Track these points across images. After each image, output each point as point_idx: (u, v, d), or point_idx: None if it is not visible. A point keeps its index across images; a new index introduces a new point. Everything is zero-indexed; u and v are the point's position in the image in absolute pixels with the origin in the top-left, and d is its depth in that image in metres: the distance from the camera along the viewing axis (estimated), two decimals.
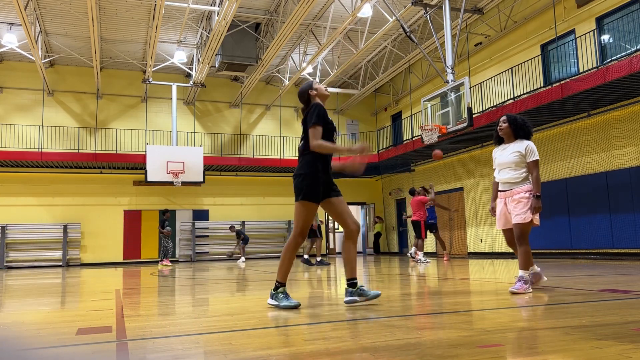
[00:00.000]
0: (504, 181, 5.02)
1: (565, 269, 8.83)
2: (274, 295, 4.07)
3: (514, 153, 4.93)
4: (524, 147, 4.90)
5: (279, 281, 4.10)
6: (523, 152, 4.89)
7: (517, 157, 4.90)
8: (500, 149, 5.13)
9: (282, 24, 15.77)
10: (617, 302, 4.06)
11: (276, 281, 4.12)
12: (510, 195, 4.95)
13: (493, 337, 2.68)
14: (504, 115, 5.14)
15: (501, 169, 5.03)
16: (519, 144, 4.96)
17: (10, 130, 18.78)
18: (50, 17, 16.36)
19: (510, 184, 4.96)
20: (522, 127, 4.98)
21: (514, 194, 4.92)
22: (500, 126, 5.07)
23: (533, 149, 4.90)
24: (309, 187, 4.04)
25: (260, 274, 9.44)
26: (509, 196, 4.97)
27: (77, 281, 9.19)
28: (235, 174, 21.51)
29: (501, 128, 5.05)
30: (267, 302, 4.15)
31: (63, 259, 18.66)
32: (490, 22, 16.18)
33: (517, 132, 5.00)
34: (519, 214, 4.82)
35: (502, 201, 5.06)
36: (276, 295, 4.06)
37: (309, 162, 4.07)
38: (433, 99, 15.00)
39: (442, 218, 19.01)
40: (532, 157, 4.87)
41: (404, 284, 6.31)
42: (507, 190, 5.00)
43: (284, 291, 4.07)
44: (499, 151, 5.12)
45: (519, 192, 4.89)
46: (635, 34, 11.92)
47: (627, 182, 11.98)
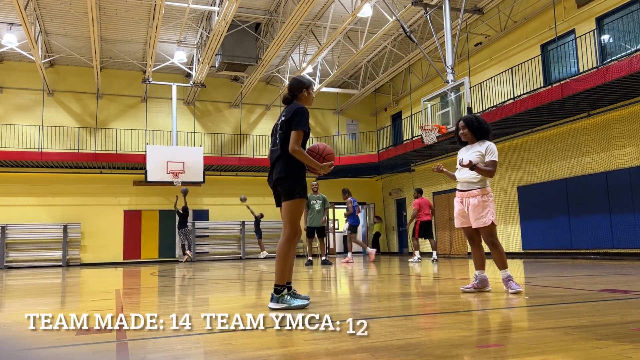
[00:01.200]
0: (462, 180, 5.08)
1: (565, 269, 8.83)
2: (279, 299, 3.88)
3: (475, 153, 5.00)
4: (485, 148, 4.98)
5: (279, 284, 3.92)
6: (483, 152, 4.96)
7: (477, 156, 4.96)
8: (464, 149, 5.22)
9: (282, 24, 15.77)
10: (617, 302, 4.06)
11: (276, 285, 3.93)
12: (467, 196, 5.00)
13: (493, 337, 2.68)
14: (461, 119, 5.18)
15: (461, 168, 5.08)
16: (481, 144, 5.03)
17: (10, 130, 18.77)
18: (50, 17, 16.36)
19: (468, 183, 5.01)
20: (480, 128, 5.04)
21: (471, 196, 4.97)
22: (461, 132, 5.13)
23: (493, 149, 4.97)
24: (301, 185, 4.03)
25: (260, 273, 9.44)
26: (465, 197, 5.03)
27: (77, 281, 9.20)
28: (235, 174, 21.50)
29: (463, 134, 5.12)
30: (269, 306, 3.93)
31: (63, 259, 18.65)
32: (490, 22, 16.18)
33: (477, 134, 5.06)
34: (478, 218, 4.88)
35: (458, 201, 5.12)
36: (282, 298, 3.87)
37: (293, 162, 4.02)
38: (433, 99, 15.00)
39: (443, 218, 19.03)
40: (491, 157, 4.92)
41: (403, 284, 6.31)
42: (464, 191, 5.06)
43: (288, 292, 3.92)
44: (463, 151, 5.21)
45: (475, 196, 4.93)
46: (635, 34, 11.92)
47: (627, 182, 11.98)
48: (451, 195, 18.37)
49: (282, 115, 4.17)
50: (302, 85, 4.22)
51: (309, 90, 4.24)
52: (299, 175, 4.04)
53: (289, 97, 4.24)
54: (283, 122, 4.09)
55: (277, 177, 4.06)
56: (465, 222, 5.06)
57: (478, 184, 4.93)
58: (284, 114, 4.13)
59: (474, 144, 5.09)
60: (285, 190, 4.03)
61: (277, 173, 4.07)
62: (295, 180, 4.01)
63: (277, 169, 4.08)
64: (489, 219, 4.83)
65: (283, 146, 4.05)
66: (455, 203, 5.17)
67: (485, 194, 4.90)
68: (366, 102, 23.56)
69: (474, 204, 4.91)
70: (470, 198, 4.95)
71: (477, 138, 5.06)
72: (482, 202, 4.87)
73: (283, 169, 4.03)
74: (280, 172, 4.04)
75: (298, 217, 4.02)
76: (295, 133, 3.96)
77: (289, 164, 4.02)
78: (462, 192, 5.08)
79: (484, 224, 4.85)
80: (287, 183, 4.02)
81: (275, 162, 4.11)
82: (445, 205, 18.87)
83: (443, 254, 18.41)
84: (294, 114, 4.04)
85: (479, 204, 4.88)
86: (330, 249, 22.30)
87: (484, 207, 4.85)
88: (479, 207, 4.87)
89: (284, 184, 4.03)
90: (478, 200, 4.89)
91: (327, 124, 23.41)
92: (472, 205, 4.92)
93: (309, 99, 4.24)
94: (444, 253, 18.50)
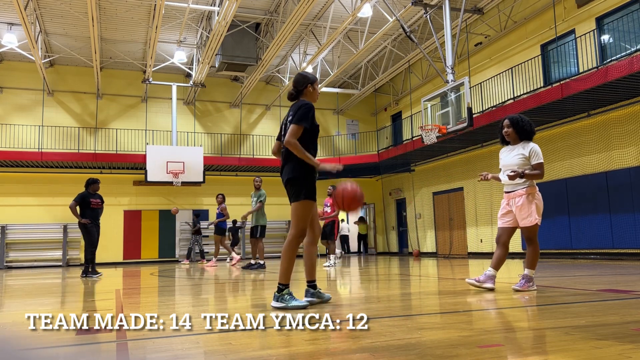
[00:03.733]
0: (507, 182, 5.08)
1: (565, 269, 8.83)
2: (279, 297, 3.93)
3: (517, 155, 5.00)
4: (529, 150, 4.97)
5: (282, 283, 3.97)
6: (527, 155, 4.95)
7: (521, 159, 4.96)
8: (507, 149, 5.19)
9: (282, 24, 15.77)
10: (617, 302, 4.07)
11: (279, 283, 3.98)
12: (514, 197, 5.02)
13: (493, 337, 2.68)
14: (507, 118, 5.17)
15: (505, 170, 5.09)
16: (524, 146, 5.01)
17: (10, 130, 18.77)
18: (50, 17, 16.36)
19: (513, 185, 5.02)
20: (524, 129, 5.04)
21: (517, 196, 4.99)
22: (505, 131, 5.12)
23: (537, 152, 4.97)
24: (308, 187, 4.03)
25: (261, 273, 9.44)
26: (512, 197, 5.04)
27: (77, 281, 9.20)
28: (235, 174, 21.50)
29: (507, 133, 5.11)
30: (271, 304, 3.99)
31: (63, 259, 18.65)
32: (490, 22, 16.18)
33: (520, 134, 5.05)
34: (524, 217, 4.92)
35: (505, 202, 5.13)
36: (282, 297, 3.93)
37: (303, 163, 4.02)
38: (433, 99, 14.99)
39: (443, 218, 19.03)
40: (537, 159, 4.94)
41: (403, 284, 6.31)
42: (510, 192, 5.07)
43: (290, 292, 3.97)
44: (506, 152, 5.18)
45: (521, 195, 4.95)
46: (635, 34, 11.92)
47: (627, 182, 11.98)
48: (451, 195, 18.39)
49: (289, 113, 4.17)
50: (307, 81, 4.23)
51: (314, 86, 4.25)
52: (308, 177, 4.04)
53: (294, 93, 4.26)
54: (290, 120, 4.09)
55: (286, 177, 4.10)
56: (508, 222, 5.07)
57: (524, 184, 4.95)
58: (291, 112, 4.14)
59: (516, 144, 5.08)
60: (292, 192, 4.07)
61: (287, 173, 4.10)
62: (303, 182, 4.03)
63: (286, 169, 4.11)
64: (534, 218, 4.88)
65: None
66: (502, 203, 5.18)
67: (532, 192, 4.92)
68: (366, 102, 23.56)
69: (520, 204, 4.94)
70: (517, 198, 4.98)
71: (521, 139, 5.06)
72: (528, 201, 4.91)
73: (292, 170, 4.06)
74: (289, 173, 4.07)
75: (304, 219, 4.05)
76: (294, 126, 3.97)
77: (298, 165, 4.03)
78: (508, 193, 5.10)
79: (529, 224, 4.90)
80: (294, 184, 4.05)
81: (286, 162, 4.14)
82: (445, 205, 18.88)
83: (443, 254, 18.42)
84: (299, 109, 4.06)
85: (525, 203, 4.91)
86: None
87: (530, 206, 4.89)
88: (525, 206, 4.91)
89: (292, 185, 4.07)
90: (524, 199, 4.92)
91: (327, 124, 23.41)
92: (519, 204, 4.95)
93: (314, 94, 4.26)
94: (444, 253, 18.51)
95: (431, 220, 19.61)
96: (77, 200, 9.69)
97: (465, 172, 17.57)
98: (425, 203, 19.99)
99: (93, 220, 9.75)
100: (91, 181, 10.01)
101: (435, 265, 11.44)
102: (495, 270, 5.05)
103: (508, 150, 5.15)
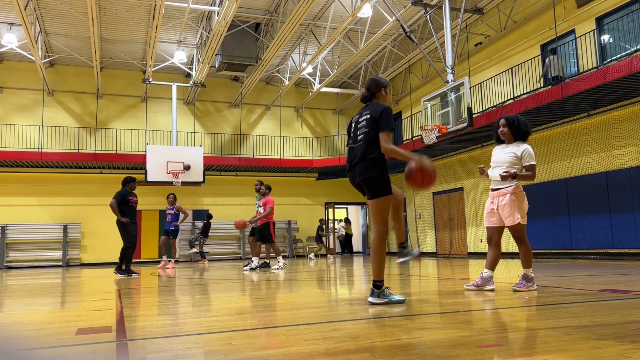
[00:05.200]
0: (494, 179, 5.08)
1: (565, 269, 8.84)
2: (380, 293, 4.07)
3: (509, 153, 5.00)
4: (522, 151, 4.96)
5: (379, 280, 4.11)
6: (519, 155, 4.94)
7: (512, 157, 4.96)
8: (500, 147, 5.20)
9: (282, 24, 15.77)
10: (617, 302, 4.07)
11: (374, 281, 4.12)
12: (498, 195, 5.02)
13: (493, 337, 2.69)
14: (503, 118, 5.17)
15: (495, 167, 5.09)
16: (518, 146, 5.01)
17: (10, 130, 18.77)
18: (50, 17, 16.36)
19: (498, 182, 5.02)
20: (519, 129, 5.04)
21: (501, 195, 4.99)
22: (501, 130, 5.12)
23: (531, 153, 4.96)
24: (388, 182, 4.16)
25: (261, 273, 9.44)
26: (496, 196, 5.04)
27: (77, 281, 9.20)
28: (235, 174, 21.50)
29: (502, 132, 5.10)
30: (369, 300, 4.10)
31: (63, 259, 18.65)
32: (490, 22, 16.18)
33: (516, 134, 5.05)
34: (508, 216, 4.91)
35: (490, 200, 5.13)
36: (383, 293, 4.08)
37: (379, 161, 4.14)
38: (433, 99, 14.99)
39: (443, 218, 19.03)
40: (530, 161, 4.93)
41: (403, 284, 6.31)
42: (495, 190, 5.07)
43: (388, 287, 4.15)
44: (498, 149, 5.19)
45: (504, 194, 4.95)
46: (635, 34, 11.91)
47: (627, 182, 11.98)
48: (451, 195, 18.39)
49: (366, 113, 4.31)
50: (381, 85, 4.40)
51: (386, 90, 4.42)
52: (384, 173, 4.17)
53: (367, 96, 4.43)
54: (369, 119, 4.24)
55: (362, 177, 4.19)
56: (493, 221, 5.06)
57: (510, 183, 4.93)
58: (369, 112, 4.27)
59: (510, 144, 5.07)
60: (371, 190, 4.19)
61: (362, 173, 4.19)
62: (381, 179, 4.15)
63: (360, 168, 4.21)
64: (516, 218, 4.86)
65: (369, 145, 4.17)
66: (487, 203, 5.18)
67: (516, 192, 4.90)
68: None
69: (504, 202, 4.92)
70: (501, 197, 4.97)
71: (516, 138, 5.06)
72: (511, 200, 4.89)
73: (367, 169, 4.17)
74: (365, 173, 4.18)
75: (386, 214, 4.19)
76: (385, 133, 4.13)
77: (374, 163, 4.15)
78: (493, 191, 5.09)
79: (512, 222, 4.88)
80: (372, 182, 4.16)
81: (360, 160, 4.22)
82: (445, 205, 18.88)
83: (443, 254, 18.42)
84: (382, 114, 4.19)
85: (508, 202, 4.90)
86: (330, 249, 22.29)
87: (513, 205, 4.88)
88: (509, 205, 4.89)
89: (370, 184, 4.17)
90: (508, 198, 4.91)
91: (327, 124, 23.41)
92: (503, 203, 4.94)
93: (386, 98, 4.44)
94: (444, 253, 18.51)
95: (431, 220, 19.62)
96: (117, 198, 9.68)
97: (465, 172, 17.58)
98: (425, 203, 19.99)
99: (132, 218, 9.79)
100: (129, 179, 10.05)
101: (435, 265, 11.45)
102: (491, 271, 5.06)
103: (501, 148, 5.16)
